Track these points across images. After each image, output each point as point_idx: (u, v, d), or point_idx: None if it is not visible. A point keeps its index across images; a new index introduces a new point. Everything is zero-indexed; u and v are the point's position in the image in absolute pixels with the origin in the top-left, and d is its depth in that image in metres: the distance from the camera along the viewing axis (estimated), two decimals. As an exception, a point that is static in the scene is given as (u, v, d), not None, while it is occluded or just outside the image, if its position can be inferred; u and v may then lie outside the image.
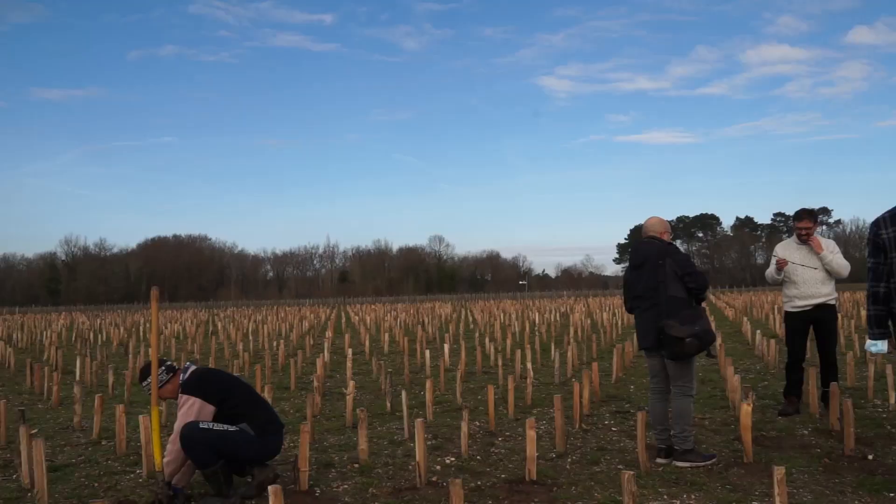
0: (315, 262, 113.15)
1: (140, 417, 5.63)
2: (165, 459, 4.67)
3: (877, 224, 4.41)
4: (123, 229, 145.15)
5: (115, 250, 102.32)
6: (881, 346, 4.32)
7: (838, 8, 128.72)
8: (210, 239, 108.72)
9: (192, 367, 4.97)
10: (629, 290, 5.63)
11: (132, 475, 5.54)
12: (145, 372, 4.96)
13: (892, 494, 4.47)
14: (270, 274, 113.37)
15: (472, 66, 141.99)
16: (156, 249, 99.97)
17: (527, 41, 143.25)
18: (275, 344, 16.83)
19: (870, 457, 5.35)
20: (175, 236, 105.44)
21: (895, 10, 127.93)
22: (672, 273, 5.29)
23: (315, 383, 8.87)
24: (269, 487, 3.45)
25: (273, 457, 4.98)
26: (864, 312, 20.18)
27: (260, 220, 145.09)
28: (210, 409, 4.75)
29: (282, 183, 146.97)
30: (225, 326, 24.78)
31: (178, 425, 4.71)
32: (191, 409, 4.70)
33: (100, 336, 21.58)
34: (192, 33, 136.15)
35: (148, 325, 25.71)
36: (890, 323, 4.55)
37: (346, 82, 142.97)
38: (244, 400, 4.91)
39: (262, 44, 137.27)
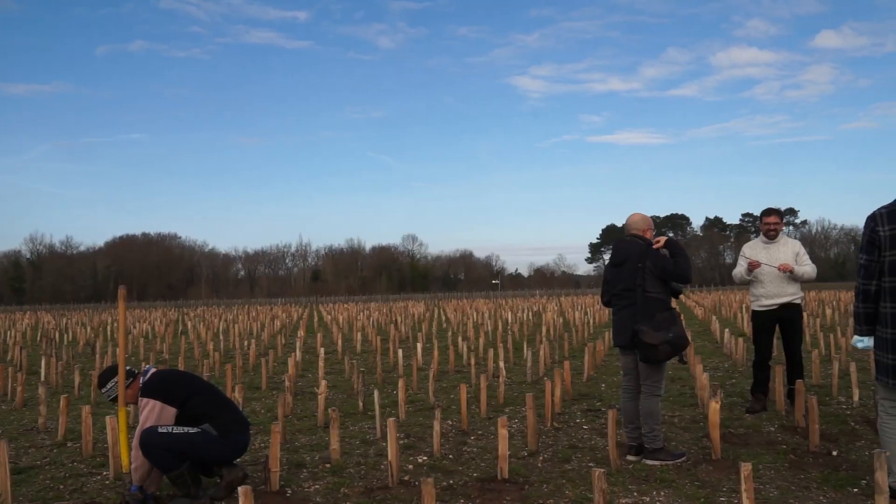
0: (287, 260, 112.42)
1: (107, 418, 5.53)
2: (133, 465, 4.59)
3: (873, 219, 4.24)
4: (91, 227, 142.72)
5: (83, 248, 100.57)
6: (867, 342, 4.32)
7: (806, 12, 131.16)
8: (180, 237, 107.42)
9: (152, 370, 4.88)
10: (608, 287, 5.67)
11: (98, 477, 5.44)
12: (104, 377, 4.86)
13: (855, 490, 4.56)
14: (242, 273, 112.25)
15: (446, 65, 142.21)
16: (124, 247, 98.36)
17: (501, 41, 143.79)
18: (246, 343, 16.68)
19: (834, 453, 5.46)
20: (144, 234, 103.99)
21: (861, 14, 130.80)
22: (652, 274, 5.33)
23: (286, 383, 8.80)
24: (239, 488, 3.42)
25: (239, 456, 4.92)
26: (828, 311, 20.62)
27: (231, 219, 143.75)
28: (171, 411, 4.67)
29: (254, 181, 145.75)
30: (195, 326, 24.48)
31: (138, 430, 4.63)
32: (151, 412, 4.62)
33: (66, 336, 21.19)
34: (162, 29, 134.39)
35: (115, 324, 25.29)
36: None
37: (320, 80, 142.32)
38: (206, 400, 4.83)
39: (235, 40, 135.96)
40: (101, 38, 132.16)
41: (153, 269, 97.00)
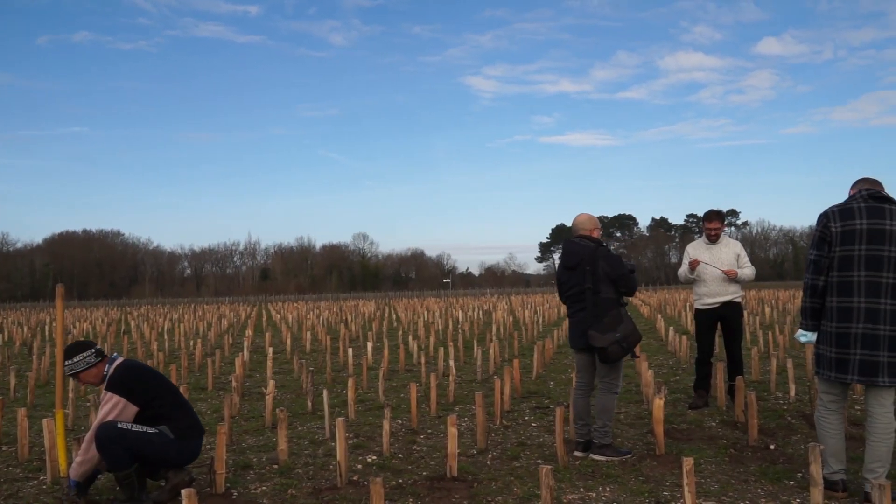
0: (235, 259, 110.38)
1: (44, 421, 5.35)
2: (78, 459, 4.46)
3: (826, 217, 4.35)
4: (29, 223, 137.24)
5: (20, 245, 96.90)
6: (811, 336, 4.44)
7: (749, 19, 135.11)
8: (123, 234, 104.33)
9: (119, 360, 4.74)
10: (562, 289, 5.73)
11: (35, 482, 5.26)
12: (75, 349, 4.69)
13: (791, 482, 4.73)
14: (188, 271, 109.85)
15: (399, 63, 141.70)
16: (63, 245, 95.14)
17: (455, 40, 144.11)
18: (191, 343, 16.33)
19: (772, 447, 5.64)
20: (85, 231, 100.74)
21: (801, 23, 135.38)
22: (604, 276, 5.40)
23: (233, 383, 8.65)
24: (183, 491, 3.35)
25: (191, 461, 4.83)
26: (768, 309, 21.29)
27: (177, 216, 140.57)
28: (133, 409, 4.57)
29: (201, 177, 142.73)
30: (138, 325, 23.86)
31: (96, 422, 4.51)
32: (114, 408, 4.50)
33: (1, 336, 20.40)
34: (108, 20, 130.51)
35: (54, 324, 24.45)
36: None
37: (271, 76, 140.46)
38: (168, 402, 4.74)
39: (184, 33, 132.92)
40: (43, 27, 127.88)
41: (94, 267, 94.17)
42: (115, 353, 4.85)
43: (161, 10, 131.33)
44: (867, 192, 4.29)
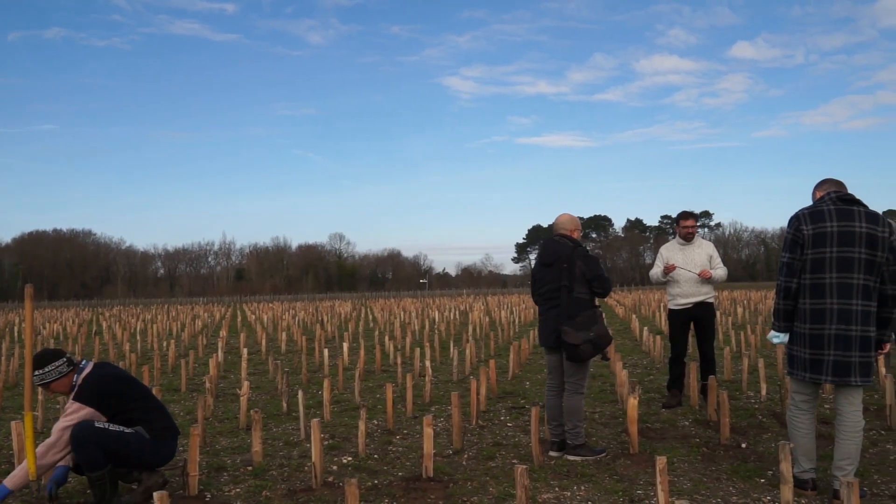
0: (210, 259, 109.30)
1: (12, 424, 5.25)
2: (38, 462, 4.37)
3: (797, 219, 4.40)
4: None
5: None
6: (783, 338, 4.49)
7: (723, 23, 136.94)
8: (95, 234, 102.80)
9: (88, 368, 4.63)
10: (536, 286, 5.75)
11: (3, 486, 5.15)
12: (46, 359, 4.56)
13: (762, 480, 4.80)
14: (161, 271, 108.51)
15: (377, 63, 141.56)
16: (33, 244, 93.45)
17: (433, 41, 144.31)
18: (165, 344, 16.14)
19: (743, 445, 5.72)
20: (56, 230, 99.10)
21: (774, 27, 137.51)
22: (580, 275, 5.43)
23: (207, 384, 8.56)
24: (155, 494, 3.31)
25: (166, 463, 4.78)
26: (740, 310, 21.58)
27: (151, 215, 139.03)
28: (102, 419, 4.52)
29: (175, 177, 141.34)
30: (110, 326, 23.52)
31: (60, 426, 4.42)
32: (76, 414, 4.44)
33: (-32, 337, 19.98)
34: (81, 16, 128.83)
35: (23, 324, 24.01)
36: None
37: (248, 74, 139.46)
38: (141, 406, 4.67)
39: (159, 30, 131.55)
40: (14, 23, 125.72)
41: (65, 267, 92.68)
42: (83, 361, 4.75)
43: (136, 7, 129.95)
44: (836, 195, 4.36)
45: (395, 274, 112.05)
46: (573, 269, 5.42)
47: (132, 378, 4.85)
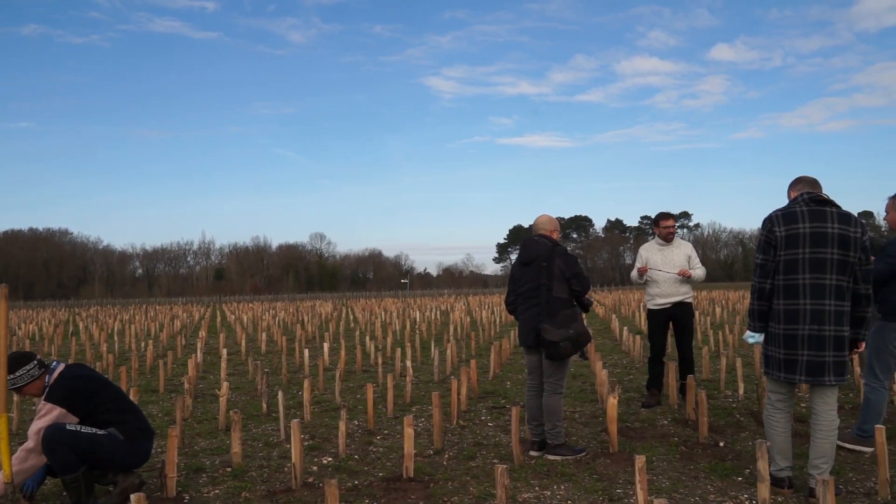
0: (189, 258, 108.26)
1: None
2: (15, 468, 4.31)
3: (770, 221, 4.45)
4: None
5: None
6: (758, 338, 4.54)
7: (703, 25, 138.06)
8: (72, 233, 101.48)
9: (59, 369, 4.57)
10: (515, 286, 5.77)
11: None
12: (17, 363, 4.49)
13: (739, 478, 4.85)
14: (139, 271, 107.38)
15: (359, 62, 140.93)
16: (8, 243, 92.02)
17: (415, 41, 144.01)
18: (143, 345, 15.99)
19: (721, 444, 5.78)
20: (31, 230, 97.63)
21: (753, 30, 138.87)
22: (559, 274, 5.46)
23: (186, 385, 8.49)
24: (132, 496, 3.27)
25: (142, 464, 4.73)
26: (718, 309, 21.80)
27: (129, 215, 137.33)
28: (73, 420, 4.47)
29: (154, 176, 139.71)
30: (87, 326, 23.24)
31: (34, 429, 4.36)
32: (49, 415, 4.38)
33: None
34: (59, 13, 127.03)
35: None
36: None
37: (228, 73, 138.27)
38: (114, 407, 4.62)
39: (138, 28, 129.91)
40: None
41: (41, 267, 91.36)
42: (54, 361, 4.70)
43: (114, 4, 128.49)
44: (809, 196, 4.41)
45: (376, 274, 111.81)
46: (552, 267, 5.45)
47: (105, 379, 4.79)
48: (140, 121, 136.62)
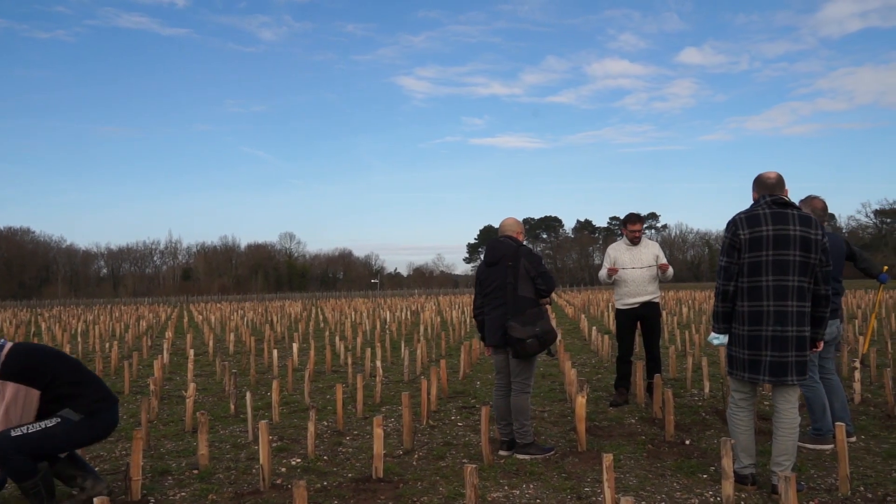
0: (155, 258, 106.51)
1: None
2: None
3: (735, 224, 4.50)
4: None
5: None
6: (723, 339, 4.60)
7: (672, 29, 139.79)
8: (34, 232, 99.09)
9: (8, 345, 4.40)
10: (481, 287, 5.79)
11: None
12: None
13: (704, 476, 4.92)
14: (104, 271, 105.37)
15: (331, 61, 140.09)
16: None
17: (388, 40, 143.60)
18: (107, 345, 15.70)
19: (687, 442, 5.86)
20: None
21: (721, 34, 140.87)
22: (524, 273, 5.50)
23: (152, 386, 8.36)
24: (95, 499, 3.21)
25: (108, 435, 4.58)
26: (685, 309, 22.10)
27: (93, 213, 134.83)
28: (35, 394, 4.29)
29: (119, 173, 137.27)
30: (50, 327, 22.75)
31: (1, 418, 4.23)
32: (15, 399, 4.22)
33: None
34: (24, 7, 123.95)
35: (-44, 326, 23.01)
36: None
37: (197, 70, 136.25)
38: (68, 380, 4.43)
39: (105, 23, 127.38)
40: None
41: (2, 266, 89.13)
42: (2, 339, 4.56)
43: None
44: (771, 199, 4.49)
45: (346, 274, 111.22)
46: (518, 266, 5.50)
47: (59, 351, 4.59)
48: (106, 118, 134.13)
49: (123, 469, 4.86)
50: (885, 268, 6.23)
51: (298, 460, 5.59)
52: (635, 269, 7.32)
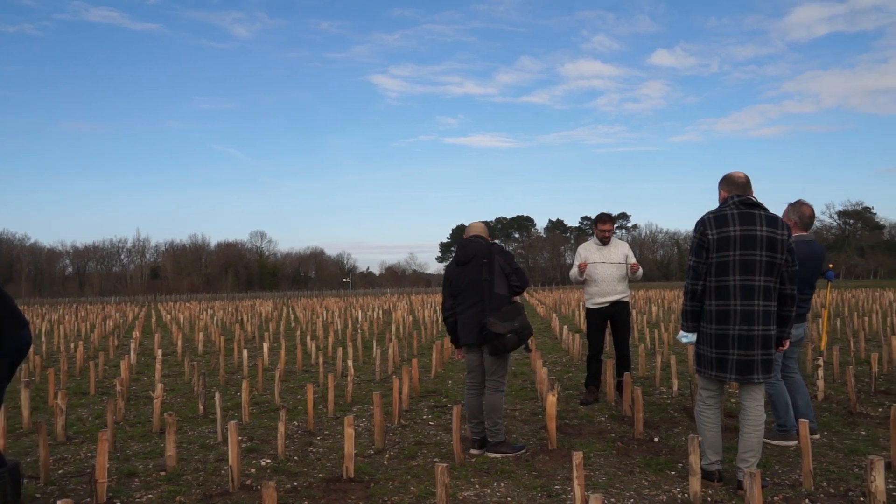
0: (123, 256, 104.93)
1: None
2: None
3: (703, 224, 4.52)
4: None
5: None
6: (691, 337, 4.66)
7: (644, 31, 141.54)
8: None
9: None
10: (452, 288, 5.78)
11: None
12: None
13: (672, 473, 4.99)
14: (70, 269, 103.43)
15: (304, 59, 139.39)
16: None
17: (362, 38, 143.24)
18: (73, 345, 15.42)
19: (656, 439, 5.93)
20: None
21: (692, 37, 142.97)
22: (499, 270, 5.53)
23: (118, 387, 8.23)
24: (59, 501, 3.15)
25: (22, 357, 4.35)
26: (654, 308, 22.37)
27: (58, 210, 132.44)
28: None
29: (86, 170, 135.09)
30: (13, 327, 22.24)
31: None
32: None
33: None
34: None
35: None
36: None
37: (168, 66, 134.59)
38: None
39: (74, 17, 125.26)
40: None
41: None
42: None
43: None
44: (739, 199, 4.57)
45: (317, 273, 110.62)
46: (493, 263, 5.53)
47: None
48: (73, 114, 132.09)
49: (89, 471, 4.78)
50: (831, 265, 6.47)
51: (268, 461, 5.54)
52: (605, 263, 7.39)
